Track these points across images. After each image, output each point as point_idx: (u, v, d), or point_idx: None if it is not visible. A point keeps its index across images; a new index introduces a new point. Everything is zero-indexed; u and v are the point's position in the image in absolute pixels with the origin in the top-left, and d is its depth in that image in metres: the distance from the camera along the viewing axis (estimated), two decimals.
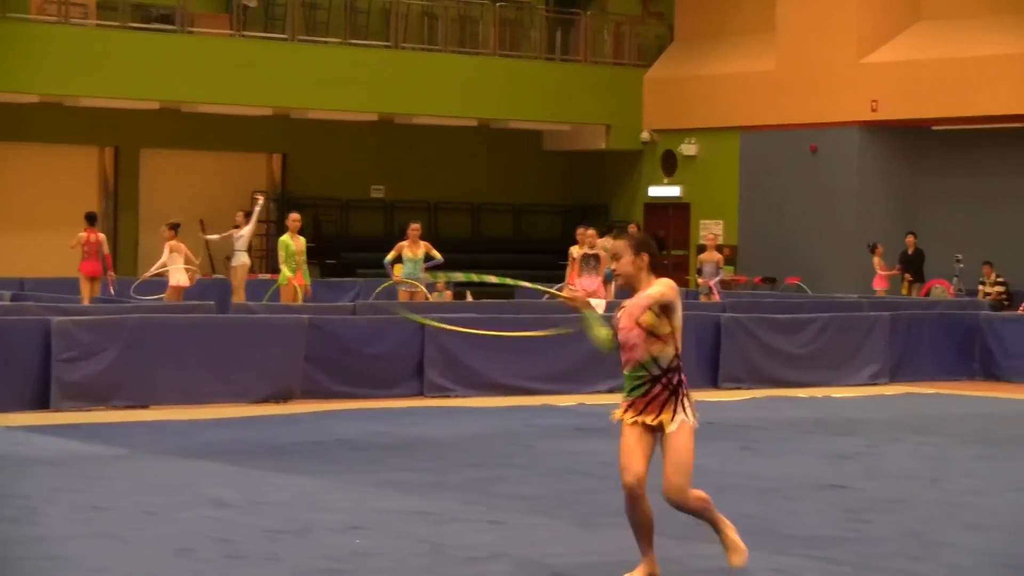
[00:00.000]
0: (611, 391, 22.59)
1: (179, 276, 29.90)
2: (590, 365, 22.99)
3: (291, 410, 19.85)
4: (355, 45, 40.99)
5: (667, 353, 9.69)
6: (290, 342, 20.99)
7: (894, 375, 25.57)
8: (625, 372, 9.82)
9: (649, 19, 46.45)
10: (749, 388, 23.67)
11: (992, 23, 38.86)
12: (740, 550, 10.06)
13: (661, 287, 9.59)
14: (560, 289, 30.37)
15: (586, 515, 12.46)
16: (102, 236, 30.61)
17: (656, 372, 9.69)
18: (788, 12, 41.48)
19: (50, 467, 14.79)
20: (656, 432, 9.75)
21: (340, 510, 12.47)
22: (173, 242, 30.10)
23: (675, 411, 9.68)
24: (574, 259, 29.37)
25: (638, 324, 9.64)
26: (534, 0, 44.95)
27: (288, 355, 20.95)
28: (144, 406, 19.73)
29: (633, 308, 9.62)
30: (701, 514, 10.00)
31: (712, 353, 24.07)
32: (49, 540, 11.21)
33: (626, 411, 9.83)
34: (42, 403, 19.37)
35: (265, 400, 20.55)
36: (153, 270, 30.30)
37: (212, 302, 25.74)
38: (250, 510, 12.49)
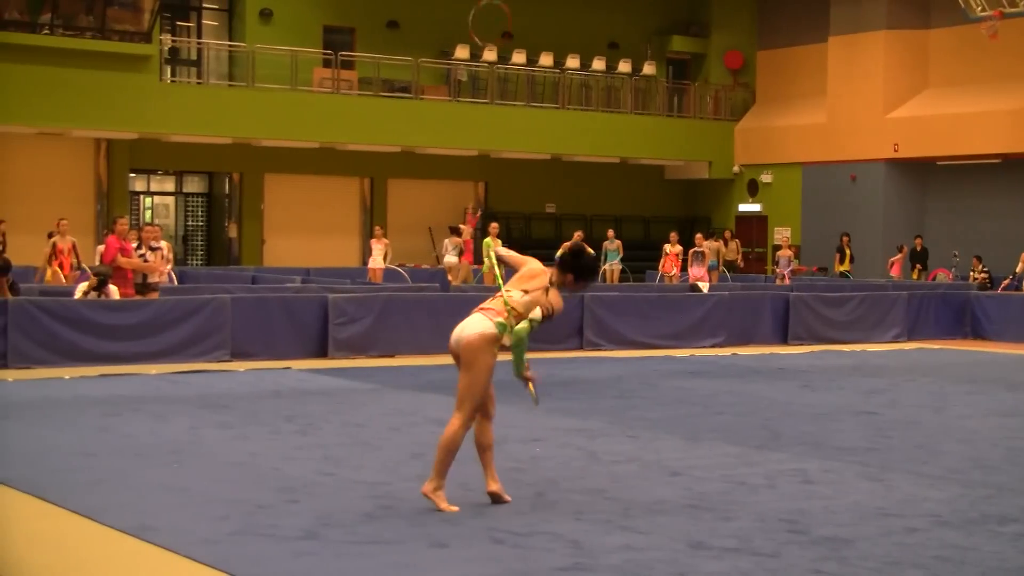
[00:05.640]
0: (713, 346, 22.51)
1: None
2: (698, 327, 22.91)
3: None
4: (534, 107, 41.07)
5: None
6: None
7: (910, 336, 25.15)
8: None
9: (738, 87, 46.10)
10: (809, 344, 23.42)
11: (982, 88, 38.15)
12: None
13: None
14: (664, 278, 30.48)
15: (693, 432, 12.41)
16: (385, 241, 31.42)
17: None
18: (834, 81, 41.02)
19: (326, 396, 14.96)
20: None
21: (523, 427, 12.50)
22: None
23: None
24: (667, 254, 31.45)
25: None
26: (658, 74, 44.96)
27: None
28: (390, 356, 19.93)
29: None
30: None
31: (783, 320, 23.86)
32: (326, 446, 11.36)
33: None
34: (321, 353, 19.62)
35: None
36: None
37: (437, 284, 25.92)
38: None
